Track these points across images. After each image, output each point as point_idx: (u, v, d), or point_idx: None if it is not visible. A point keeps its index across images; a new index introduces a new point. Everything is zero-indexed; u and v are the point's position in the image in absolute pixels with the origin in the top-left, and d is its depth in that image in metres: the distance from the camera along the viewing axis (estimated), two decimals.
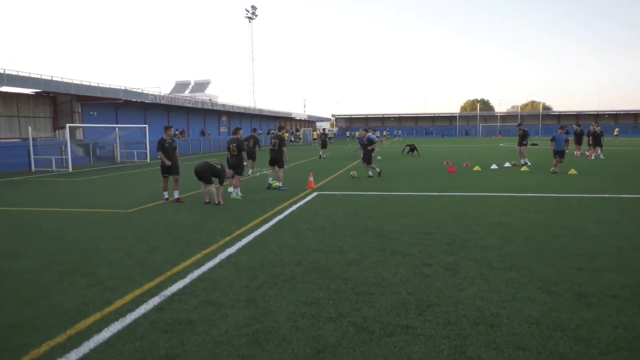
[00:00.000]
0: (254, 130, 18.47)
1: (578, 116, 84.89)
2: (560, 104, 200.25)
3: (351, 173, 16.30)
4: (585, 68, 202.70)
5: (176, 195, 10.82)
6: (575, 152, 25.99)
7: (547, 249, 6.30)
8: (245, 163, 11.59)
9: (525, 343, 3.62)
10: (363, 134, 16.33)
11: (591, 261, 5.70)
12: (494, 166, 19.01)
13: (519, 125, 20.75)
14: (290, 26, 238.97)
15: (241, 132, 11.97)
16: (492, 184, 13.57)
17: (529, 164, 19.24)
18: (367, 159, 15.96)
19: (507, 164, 19.51)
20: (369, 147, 16.02)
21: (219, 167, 10.35)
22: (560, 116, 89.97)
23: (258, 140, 16.19)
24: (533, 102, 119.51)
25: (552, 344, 3.60)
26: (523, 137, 19.73)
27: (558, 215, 8.62)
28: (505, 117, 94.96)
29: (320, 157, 26.69)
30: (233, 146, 11.35)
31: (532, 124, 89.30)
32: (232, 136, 11.77)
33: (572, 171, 16.11)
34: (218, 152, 38.75)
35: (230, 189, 11.40)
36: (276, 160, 12.95)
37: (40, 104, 27.93)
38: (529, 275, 5.21)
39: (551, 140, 17.30)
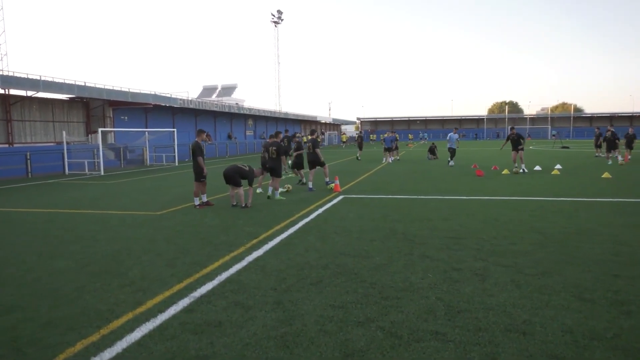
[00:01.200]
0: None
1: (612, 118, 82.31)
2: (593, 106, 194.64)
3: (286, 186, 13.23)
4: (618, 68, 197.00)
5: (205, 198, 10.97)
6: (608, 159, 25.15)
7: (581, 255, 6.12)
8: (284, 166, 11.76)
9: (559, 352, 3.52)
10: (389, 135, 16.07)
11: (628, 268, 5.51)
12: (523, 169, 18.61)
13: (512, 128, 19.23)
14: (316, 30, 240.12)
15: (281, 135, 12.11)
16: (522, 188, 13.27)
17: (526, 171, 18.25)
18: (298, 164, 14.98)
19: (537, 167, 19.06)
20: (298, 152, 15.03)
21: (247, 169, 10.43)
22: (593, 118, 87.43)
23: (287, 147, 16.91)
24: (564, 104, 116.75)
25: (587, 353, 3.49)
26: (517, 142, 18.30)
27: (592, 221, 8.36)
28: (535, 120, 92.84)
29: (357, 159, 28.96)
30: (273, 149, 11.53)
31: (564, 126, 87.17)
32: (272, 139, 11.87)
33: (606, 175, 15.63)
34: (244, 155, 39.18)
35: (259, 190, 11.48)
36: (314, 162, 13.42)
37: (74, 108, 28.82)
38: (562, 282, 5.06)
39: None
